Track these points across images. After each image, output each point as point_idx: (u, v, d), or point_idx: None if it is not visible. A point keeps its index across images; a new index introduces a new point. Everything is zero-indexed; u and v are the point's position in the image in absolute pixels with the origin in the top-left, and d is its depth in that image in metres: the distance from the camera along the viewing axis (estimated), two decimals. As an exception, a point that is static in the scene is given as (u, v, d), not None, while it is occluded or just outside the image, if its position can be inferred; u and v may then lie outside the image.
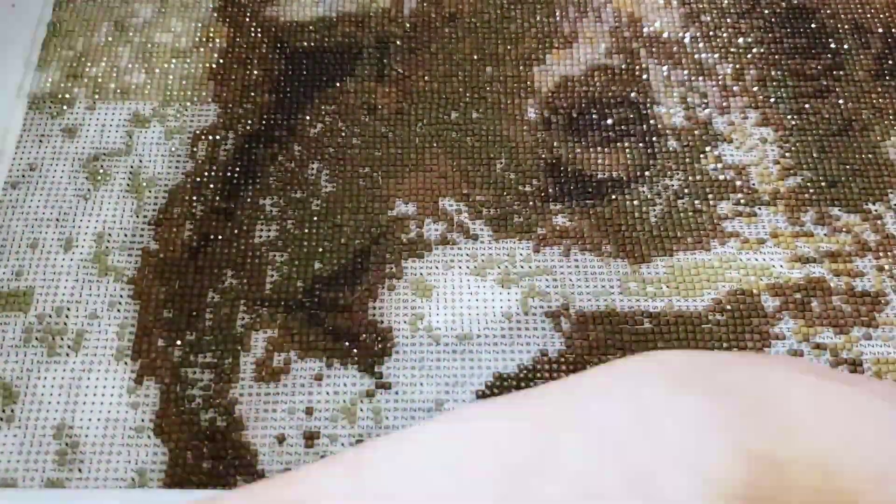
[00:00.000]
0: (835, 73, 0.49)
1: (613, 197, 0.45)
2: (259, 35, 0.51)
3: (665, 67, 0.49)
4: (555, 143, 0.46)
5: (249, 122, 0.47)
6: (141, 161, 0.46)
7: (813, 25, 0.51)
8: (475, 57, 0.50)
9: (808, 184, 0.45)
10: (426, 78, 0.49)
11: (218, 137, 0.47)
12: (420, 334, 0.41)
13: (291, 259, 0.43)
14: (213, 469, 0.37)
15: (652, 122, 0.47)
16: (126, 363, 0.40)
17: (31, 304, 0.41)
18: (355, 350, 0.40)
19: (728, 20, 0.51)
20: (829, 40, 0.50)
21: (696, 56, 0.50)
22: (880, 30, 0.51)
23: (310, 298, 0.42)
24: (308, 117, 0.47)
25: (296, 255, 0.43)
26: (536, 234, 0.43)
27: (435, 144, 0.47)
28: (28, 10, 0.51)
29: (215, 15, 0.51)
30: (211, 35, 0.51)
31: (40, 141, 0.46)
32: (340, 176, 0.45)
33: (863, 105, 0.48)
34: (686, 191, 0.45)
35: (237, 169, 0.46)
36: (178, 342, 0.40)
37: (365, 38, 0.50)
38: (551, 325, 0.41)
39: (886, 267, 0.42)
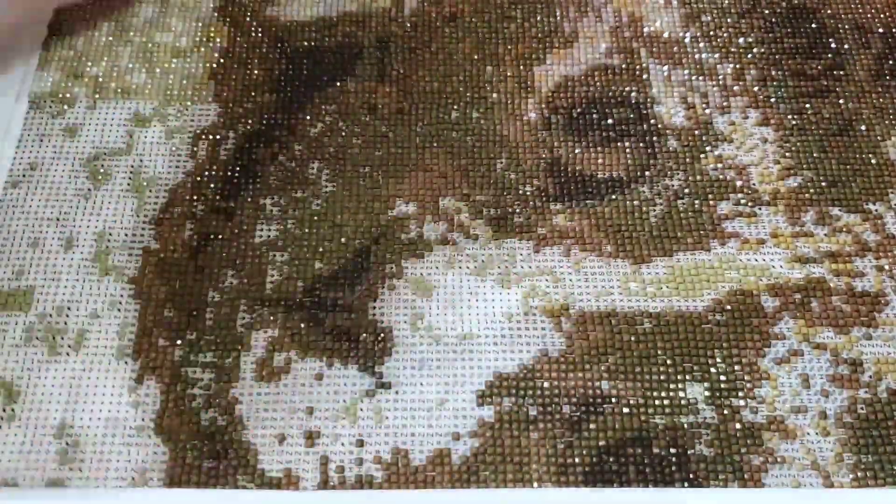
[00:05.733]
0: (835, 72, 0.49)
1: (614, 197, 0.45)
2: (259, 35, 0.51)
3: (665, 67, 0.49)
4: (555, 143, 0.46)
5: (250, 121, 0.47)
6: (141, 160, 0.46)
7: (813, 25, 0.51)
8: (475, 57, 0.50)
9: (809, 184, 0.45)
10: (426, 78, 0.49)
11: (218, 137, 0.47)
12: (420, 334, 0.41)
13: (292, 259, 0.43)
14: (213, 468, 0.37)
15: (652, 121, 0.47)
16: (127, 362, 0.40)
17: (31, 303, 0.41)
18: (356, 350, 0.40)
19: (728, 20, 0.51)
20: (830, 40, 0.50)
21: (697, 56, 0.50)
22: (880, 30, 0.51)
23: (310, 298, 0.42)
24: (308, 117, 0.47)
25: (296, 254, 0.43)
26: (537, 234, 0.43)
27: (435, 144, 0.47)
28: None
29: (216, 15, 0.51)
30: (211, 35, 0.51)
31: (41, 140, 0.46)
32: (341, 175, 0.45)
33: (863, 105, 0.48)
34: (686, 191, 0.45)
35: (238, 168, 0.46)
36: (179, 342, 0.41)
37: (365, 37, 0.50)
38: (552, 325, 0.41)
39: (886, 267, 0.42)
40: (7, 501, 0.37)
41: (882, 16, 0.51)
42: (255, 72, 0.49)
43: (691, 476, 0.37)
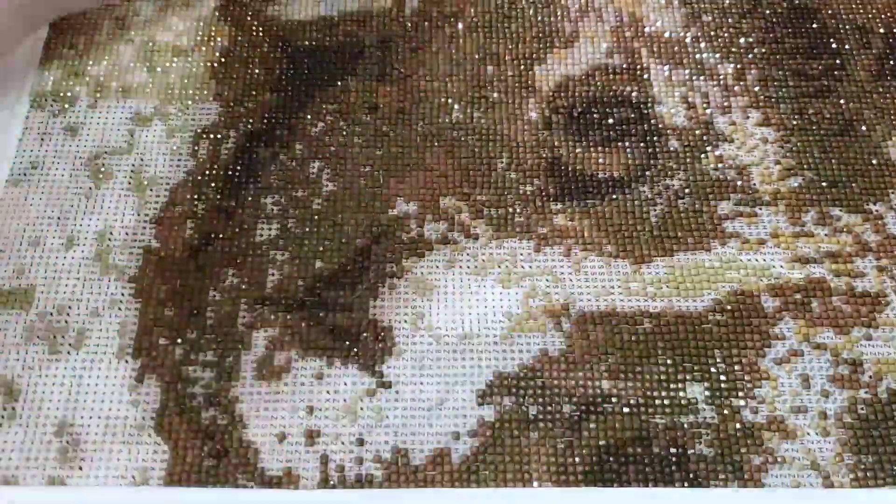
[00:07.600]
0: (836, 73, 0.49)
1: (614, 197, 0.45)
2: (261, 34, 0.51)
3: (666, 67, 0.49)
4: (556, 143, 0.46)
5: (251, 120, 0.47)
6: (142, 159, 0.46)
7: (814, 25, 0.51)
8: (476, 56, 0.50)
9: (809, 184, 0.45)
10: (427, 77, 0.49)
11: (219, 136, 0.47)
12: (421, 333, 0.41)
13: (292, 258, 0.43)
14: (213, 467, 0.37)
15: (653, 121, 0.47)
16: (127, 361, 0.40)
17: (32, 302, 0.41)
18: (356, 349, 0.40)
19: (729, 20, 0.51)
20: (831, 40, 0.50)
21: (698, 56, 0.50)
22: (881, 30, 0.51)
23: (311, 297, 0.42)
24: (309, 116, 0.48)
25: (297, 253, 0.43)
26: (537, 234, 0.43)
27: (436, 144, 0.47)
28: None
29: (217, 14, 0.51)
30: (212, 34, 0.51)
31: (42, 139, 0.47)
32: (342, 175, 0.45)
33: (864, 105, 0.48)
34: (687, 191, 0.45)
35: (238, 167, 0.46)
36: (179, 340, 0.41)
37: (366, 37, 0.50)
38: (552, 325, 0.41)
39: (887, 267, 0.42)
40: (7, 500, 0.37)
41: (882, 16, 0.51)
42: (256, 71, 0.49)
43: (691, 476, 0.37)
